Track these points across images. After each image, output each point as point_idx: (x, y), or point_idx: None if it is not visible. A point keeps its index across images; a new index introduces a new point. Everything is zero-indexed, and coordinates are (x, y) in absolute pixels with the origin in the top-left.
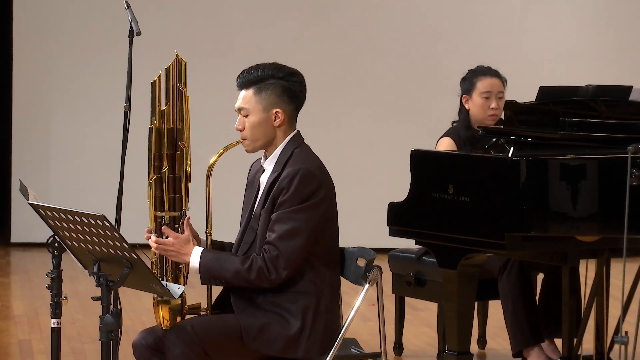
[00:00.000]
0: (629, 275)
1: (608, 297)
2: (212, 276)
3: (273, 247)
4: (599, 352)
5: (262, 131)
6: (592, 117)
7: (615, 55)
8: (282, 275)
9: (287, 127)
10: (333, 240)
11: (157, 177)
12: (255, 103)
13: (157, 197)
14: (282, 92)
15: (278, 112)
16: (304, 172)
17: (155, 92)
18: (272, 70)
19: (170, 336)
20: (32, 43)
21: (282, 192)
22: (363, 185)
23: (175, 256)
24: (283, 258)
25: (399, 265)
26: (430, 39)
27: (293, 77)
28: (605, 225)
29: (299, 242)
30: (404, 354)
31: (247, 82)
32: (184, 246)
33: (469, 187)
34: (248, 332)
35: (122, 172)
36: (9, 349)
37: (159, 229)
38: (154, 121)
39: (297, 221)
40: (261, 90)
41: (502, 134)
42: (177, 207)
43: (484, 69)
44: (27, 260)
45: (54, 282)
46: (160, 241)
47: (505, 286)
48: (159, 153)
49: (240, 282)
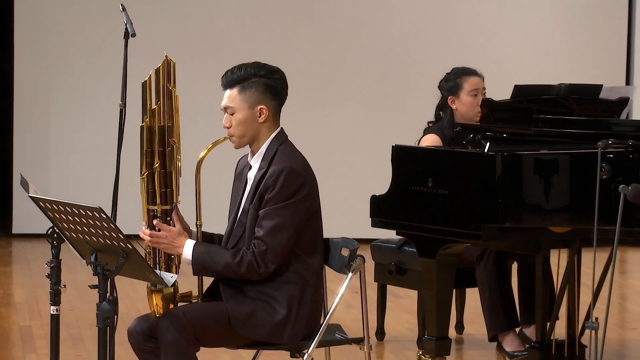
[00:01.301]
0: (599, 264)
1: (579, 284)
2: (203, 268)
3: (262, 242)
4: (570, 337)
5: (248, 127)
6: (564, 114)
7: (586, 56)
8: (271, 269)
9: (272, 124)
10: (317, 233)
11: (149, 172)
12: (240, 101)
13: (149, 191)
14: (265, 90)
15: (262, 109)
16: (288, 171)
17: (146, 92)
18: (254, 69)
19: (163, 322)
20: (32, 45)
21: (268, 190)
22: (347, 179)
23: (168, 248)
24: (271, 252)
25: (381, 254)
26: (410, 40)
27: (274, 74)
28: (576, 216)
29: (285, 236)
30: (386, 339)
31: (231, 82)
32: (176, 239)
33: (448, 180)
34: (236, 318)
35: (118, 166)
36: (10, 335)
37: (151, 221)
38: (145, 119)
39: (283, 217)
40: (245, 89)
41: (479, 130)
42: (169, 201)
43: (466, 69)
44: (28, 251)
45: (53, 271)
46: (154, 234)
47: (483, 274)
48: (150, 150)
49: (231, 274)
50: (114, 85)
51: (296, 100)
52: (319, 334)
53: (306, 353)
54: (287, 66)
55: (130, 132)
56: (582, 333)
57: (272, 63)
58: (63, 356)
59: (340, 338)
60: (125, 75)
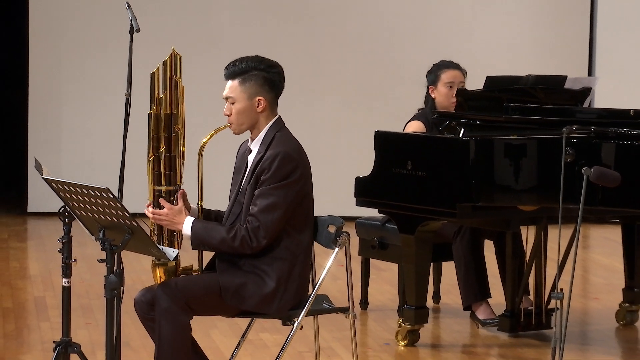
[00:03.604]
0: (563, 240)
1: (545, 258)
2: (201, 242)
3: (255, 219)
4: (538, 306)
5: (246, 116)
6: (532, 102)
7: (553, 49)
8: (262, 244)
9: (269, 113)
10: (308, 213)
11: (155, 156)
12: (240, 92)
13: (155, 173)
14: (263, 82)
15: (260, 100)
16: (283, 155)
17: (154, 82)
18: (255, 63)
19: (158, 292)
20: (46, 39)
21: (264, 172)
22: (333, 162)
23: (169, 225)
24: (263, 228)
25: (365, 231)
26: (391, 35)
27: (273, 68)
28: (543, 196)
29: (277, 215)
30: (369, 308)
31: (233, 74)
32: (177, 216)
33: (425, 163)
34: (227, 289)
35: (124, 150)
36: (26, 305)
37: (156, 200)
38: (153, 107)
39: (276, 197)
40: (245, 81)
41: (454, 118)
42: (173, 182)
43: (446, 63)
44: (42, 228)
45: (64, 246)
46: (156, 212)
47: (458, 249)
48: (157, 135)
49: (226, 248)
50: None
51: (288, 90)
52: (308, 303)
53: (296, 321)
54: (279, 59)
55: (135, 119)
56: (549, 302)
57: (265, 56)
58: (74, 324)
59: (328, 307)
60: (130, 67)
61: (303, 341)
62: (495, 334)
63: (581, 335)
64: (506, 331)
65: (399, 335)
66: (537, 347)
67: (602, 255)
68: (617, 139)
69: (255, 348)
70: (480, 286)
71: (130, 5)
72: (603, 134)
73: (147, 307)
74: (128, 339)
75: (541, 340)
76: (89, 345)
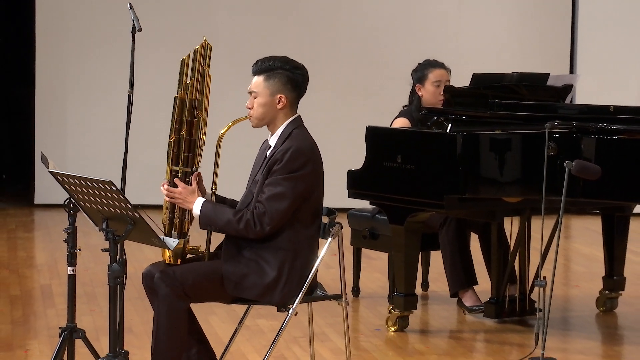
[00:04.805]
0: (546, 230)
1: (529, 248)
2: (208, 222)
3: (262, 205)
4: (521, 293)
5: (266, 111)
6: (516, 99)
7: (536, 48)
8: (266, 230)
9: (289, 110)
10: (316, 209)
11: (176, 138)
12: (264, 88)
13: (174, 154)
14: (286, 81)
15: (282, 97)
16: (295, 149)
17: (184, 68)
18: (281, 63)
19: (156, 280)
20: (51, 39)
21: (275, 163)
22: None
23: (182, 203)
24: (268, 215)
25: (356, 222)
26: (381, 35)
27: (297, 70)
28: (526, 188)
29: (283, 204)
30: (361, 295)
31: (260, 70)
32: (189, 195)
33: (414, 157)
34: (229, 279)
35: (127, 144)
36: (33, 292)
37: (172, 180)
38: (180, 91)
39: (284, 187)
40: (269, 78)
41: (442, 114)
42: (190, 164)
43: (433, 62)
44: (48, 219)
45: (69, 236)
46: (170, 189)
47: (445, 239)
48: (180, 118)
49: (230, 230)
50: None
51: None
52: (302, 291)
53: (291, 307)
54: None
55: (137, 114)
56: (532, 290)
57: (260, 55)
58: (78, 311)
59: (321, 295)
60: (132, 65)
61: (298, 327)
62: (481, 320)
63: (563, 321)
64: (491, 317)
65: (389, 321)
66: (521, 332)
67: (582, 244)
68: (597, 134)
69: (252, 333)
70: (467, 274)
71: (132, 6)
72: (584, 129)
73: (152, 281)
74: (130, 325)
75: (525, 326)
76: (93, 330)
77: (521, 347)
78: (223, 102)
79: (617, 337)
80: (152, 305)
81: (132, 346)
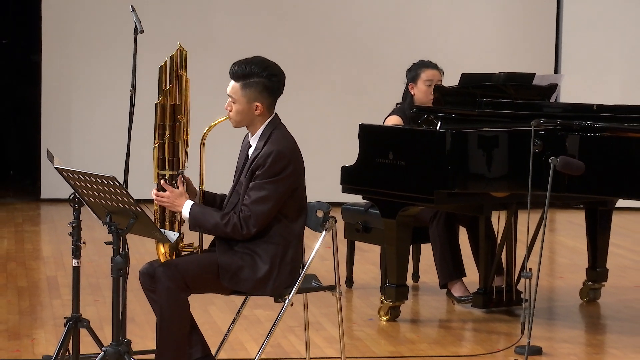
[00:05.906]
0: (532, 224)
1: (516, 241)
2: (197, 225)
3: (247, 209)
4: (508, 284)
5: (244, 117)
6: (503, 98)
7: (522, 49)
8: (252, 232)
9: (266, 112)
10: (301, 203)
11: (161, 142)
12: (241, 96)
13: (159, 158)
14: (262, 89)
15: (258, 105)
16: (276, 153)
17: (162, 75)
18: (258, 69)
19: (158, 272)
20: (57, 40)
21: (259, 167)
22: (321, 152)
23: (171, 206)
24: (254, 218)
25: (350, 215)
26: (375, 36)
27: (274, 77)
28: (513, 183)
29: (267, 206)
30: (354, 286)
31: (237, 75)
32: (178, 199)
33: (406, 153)
34: (225, 271)
35: (129, 141)
36: (39, 283)
37: (160, 183)
38: (160, 98)
39: (268, 190)
40: (246, 87)
41: (432, 112)
42: (176, 167)
43: (426, 62)
44: (54, 213)
45: (74, 230)
46: (159, 194)
47: (435, 232)
48: (162, 123)
49: (219, 232)
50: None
51: None
52: (297, 282)
53: (287, 298)
54: (272, 57)
55: (139, 113)
56: (518, 281)
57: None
58: (83, 301)
59: (316, 286)
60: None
61: (293, 317)
62: (470, 310)
63: (548, 311)
64: (480, 307)
65: (381, 311)
66: (508, 322)
67: (567, 237)
68: (581, 131)
69: (250, 323)
70: (456, 266)
71: (134, 9)
72: (568, 127)
73: (149, 280)
74: (133, 315)
75: (511, 316)
76: (97, 320)
77: (508, 335)
78: (223, 102)
79: (600, 326)
80: (149, 300)
81: (134, 335)
